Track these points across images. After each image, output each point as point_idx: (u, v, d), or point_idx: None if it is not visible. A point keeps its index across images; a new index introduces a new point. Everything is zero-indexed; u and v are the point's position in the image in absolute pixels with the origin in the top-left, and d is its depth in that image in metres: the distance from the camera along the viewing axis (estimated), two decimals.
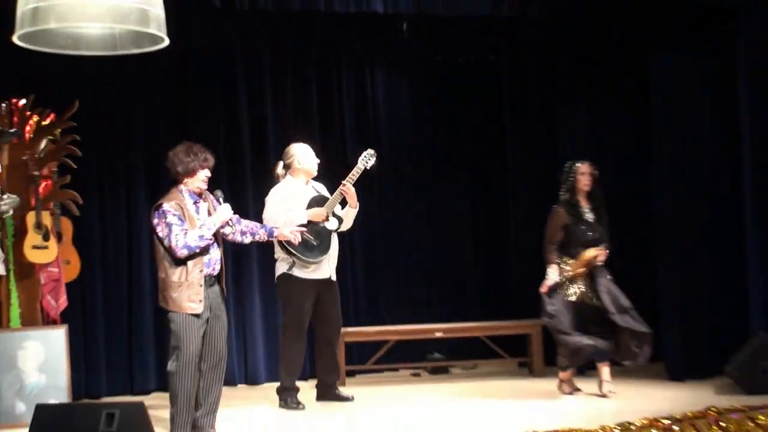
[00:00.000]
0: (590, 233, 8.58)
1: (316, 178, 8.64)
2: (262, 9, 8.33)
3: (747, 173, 9.03)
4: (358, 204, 8.47)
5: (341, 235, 8.72)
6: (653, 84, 9.47)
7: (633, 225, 10.05)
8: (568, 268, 8.56)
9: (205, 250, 6.81)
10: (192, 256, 6.75)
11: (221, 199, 7.08)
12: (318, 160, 8.53)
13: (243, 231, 7.32)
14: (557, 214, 8.67)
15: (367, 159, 8.48)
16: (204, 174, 6.91)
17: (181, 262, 6.73)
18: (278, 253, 8.38)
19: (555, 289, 8.53)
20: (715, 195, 9.38)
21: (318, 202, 8.36)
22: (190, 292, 6.73)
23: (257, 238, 7.49)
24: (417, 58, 11.15)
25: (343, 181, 8.35)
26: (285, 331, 8.51)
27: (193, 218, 6.81)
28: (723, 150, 9.38)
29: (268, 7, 8.29)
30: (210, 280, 6.88)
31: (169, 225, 6.68)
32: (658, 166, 9.43)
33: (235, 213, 7.24)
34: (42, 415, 6.01)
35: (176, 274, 6.74)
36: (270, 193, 8.46)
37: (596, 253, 8.43)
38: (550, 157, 9.87)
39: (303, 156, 8.46)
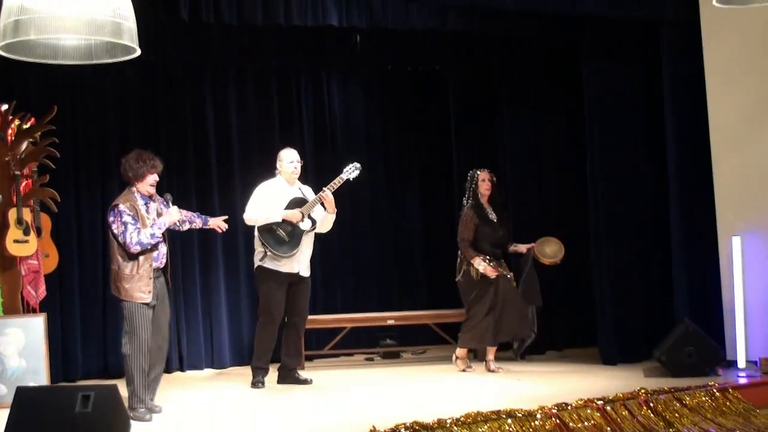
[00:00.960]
0: (494, 233, 8.99)
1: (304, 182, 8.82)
2: (227, 23, 8.34)
3: (672, 176, 9.17)
4: (335, 210, 8.57)
5: (318, 236, 8.82)
6: (586, 94, 9.54)
7: (570, 225, 10.15)
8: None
9: (154, 246, 7.10)
10: (143, 252, 7.04)
11: (170, 202, 7.37)
12: (295, 165, 8.60)
13: (182, 220, 7.58)
14: (468, 215, 9.04)
15: (351, 171, 8.62)
16: (152, 179, 7.22)
17: (133, 256, 7.03)
18: (256, 246, 8.50)
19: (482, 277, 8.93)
20: (645, 197, 9.52)
21: (297, 203, 8.50)
22: (141, 284, 7.04)
23: (194, 225, 7.81)
24: (370, 67, 11.23)
25: (324, 188, 8.46)
26: (258, 316, 8.64)
27: (144, 217, 7.11)
28: (652, 154, 9.49)
29: (232, 21, 8.28)
30: (157, 273, 7.18)
31: (125, 224, 6.96)
32: (592, 172, 9.49)
33: (197, 210, 7.74)
34: (22, 397, 5.96)
35: (128, 267, 7.04)
36: (257, 187, 8.62)
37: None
38: (491, 162, 9.93)
39: (281, 161, 8.64)
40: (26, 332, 8.02)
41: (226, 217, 8.03)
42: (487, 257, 8.94)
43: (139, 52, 5.97)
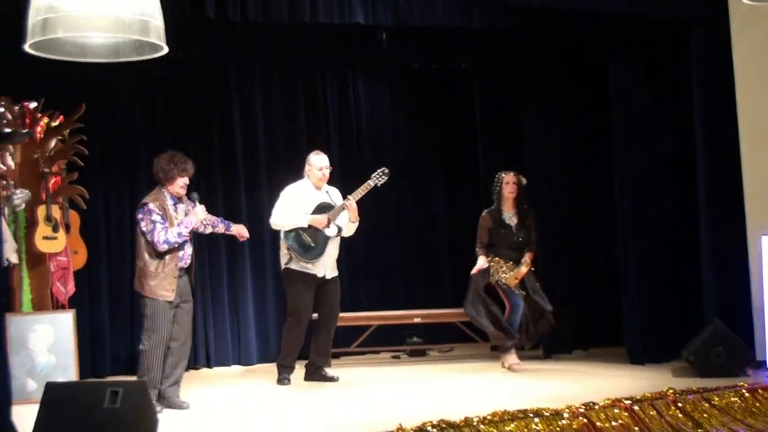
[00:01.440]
0: (511, 237, 9.05)
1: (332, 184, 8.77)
2: (253, 20, 8.31)
3: (701, 175, 9.07)
4: (358, 219, 8.53)
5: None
6: (613, 93, 9.44)
7: (597, 223, 10.08)
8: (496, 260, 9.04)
9: (181, 246, 7.18)
10: (170, 250, 7.12)
11: (197, 202, 7.42)
12: (324, 173, 8.54)
13: (205, 224, 7.59)
14: (483, 219, 9.19)
15: (378, 176, 8.57)
16: (183, 181, 7.29)
17: (160, 254, 7.10)
18: (282, 248, 8.49)
19: (484, 273, 9.03)
20: (672, 196, 9.42)
21: (323, 209, 8.46)
22: (165, 282, 7.12)
23: (216, 230, 7.78)
24: (395, 65, 11.19)
25: (348, 196, 8.44)
26: (287, 317, 8.64)
27: (172, 217, 7.19)
28: (681, 154, 9.38)
29: (258, 19, 8.26)
30: (181, 272, 7.25)
31: (153, 222, 7.07)
32: (619, 170, 9.40)
33: (225, 210, 7.61)
34: (51, 393, 5.96)
35: (154, 265, 7.12)
36: (283, 190, 8.59)
37: (526, 269, 8.94)
38: (516, 159, 9.88)
39: (310, 165, 8.57)
40: (55, 328, 8.08)
41: (246, 234, 8.00)
42: (502, 260, 9.02)
43: (166, 50, 5.95)
